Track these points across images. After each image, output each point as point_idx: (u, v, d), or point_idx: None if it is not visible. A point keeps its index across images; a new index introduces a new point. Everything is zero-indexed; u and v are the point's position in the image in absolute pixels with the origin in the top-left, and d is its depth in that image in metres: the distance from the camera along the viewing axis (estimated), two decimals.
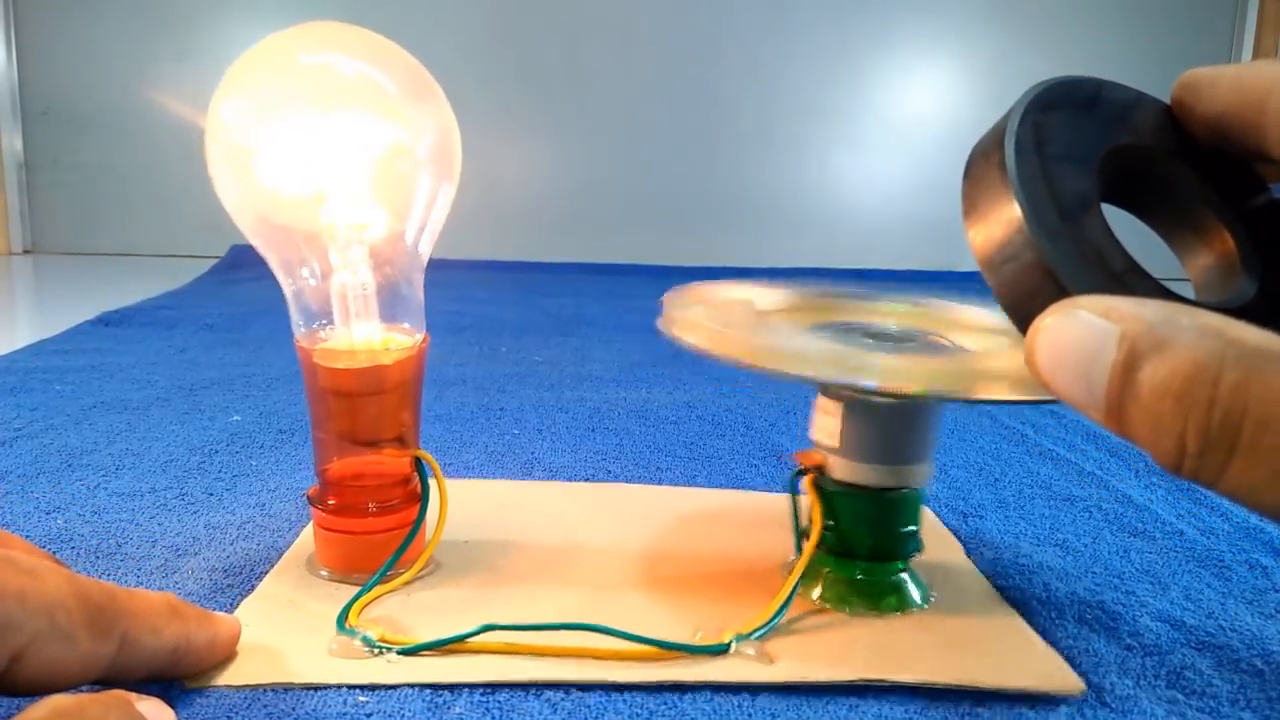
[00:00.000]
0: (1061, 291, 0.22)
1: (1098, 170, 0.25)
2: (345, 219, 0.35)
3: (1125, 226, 0.25)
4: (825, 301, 0.38)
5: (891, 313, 0.38)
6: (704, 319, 0.32)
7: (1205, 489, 0.19)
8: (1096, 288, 0.21)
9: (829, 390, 0.34)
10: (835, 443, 0.33)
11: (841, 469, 0.34)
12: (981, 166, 0.24)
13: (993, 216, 0.23)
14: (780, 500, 0.46)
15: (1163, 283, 0.23)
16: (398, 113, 0.35)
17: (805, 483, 0.34)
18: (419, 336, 0.36)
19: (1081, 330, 0.20)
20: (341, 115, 0.34)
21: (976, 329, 0.37)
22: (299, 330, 0.36)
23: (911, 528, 0.34)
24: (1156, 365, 0.19)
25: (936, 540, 0.41)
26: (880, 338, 0.35)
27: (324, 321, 0.36)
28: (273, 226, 0.35)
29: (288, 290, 0.36)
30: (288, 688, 0.29)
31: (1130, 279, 0.23)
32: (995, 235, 0.23)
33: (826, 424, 0.34)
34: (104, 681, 0.25)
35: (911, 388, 0.28)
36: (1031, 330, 0.21)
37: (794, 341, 0.31)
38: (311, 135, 0.34)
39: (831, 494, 0.34)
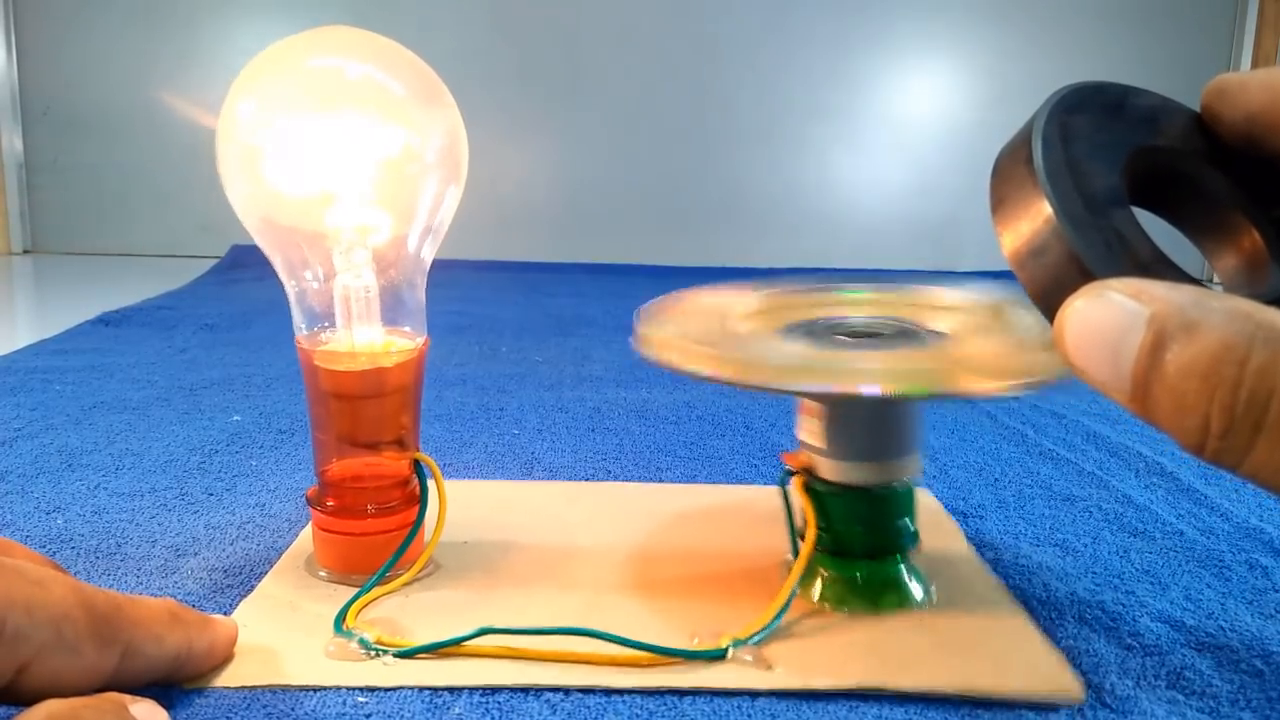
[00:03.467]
0: (1089, 280, 0.22)
1: (1124, 169, 0.25)
2: (350, 222, 0.35)
3: (1150, 227, 0.25)
4: (794, 298, 0.37)
5: (861, 302, 0.37)
6: (676, 336, 0.31)
7: (1228, 471, 0.19)
8: (1124, 276, 0.21)
9: (809, 396, 0.33)
10: (820, 443, 0.33)
11: (829, 469, 0.33)
12: (1008, 164, 0.25)
13: (1020, 211, 0.24)
14: (778, 495, 0.46)
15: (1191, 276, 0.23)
16: (406, 117, 0.35)
17: (795, 484, 0.34)
18: (420, 340, 0.36)
19: (1111, 311, 0.20)
20: (350, 118, 0.34)
21: (947, 309, 0.36)
22: (301, 332, 0.36)
23: (906, 522, 0.34)
24: (1184, 345, 0.19)
25: (938, 529, 0.41)
26: (854, 334, 0.34)
27: (326, 323, 0.36)
28: (278, 227, 0.35)
29: (291, 291, 0.36)
30: (284, 689, 0.29)
31: (1158, 269, 0.23)
32: (1023, 230, 0.23)
33: (810, 424, 0.34)
34: (105, 690, 0.25)
35: (900, 389, 0.28)
36: (1060, 312, 0.21)
37: (768, 351, 0.31)
38: (320, 138, 0.34)
39: (822, 494, 0.34)
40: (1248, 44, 1.60)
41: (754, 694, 0.29)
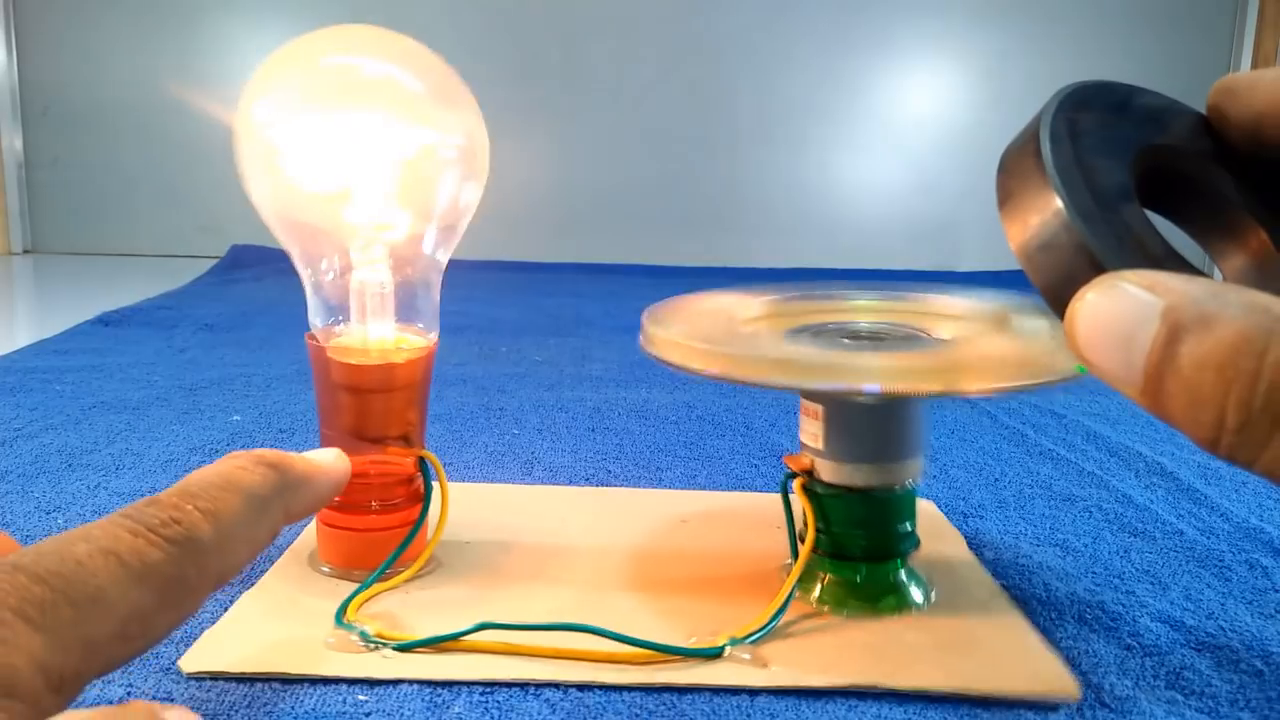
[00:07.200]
0: (1100, 273, 0.21)
1: (1131, 168, 0.25)
2: (368, 219, 0.35)
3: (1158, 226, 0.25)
4: (801, 304, 0.38)
5: (867, 309, 0.37)
6: (682, 336, 0.31)
7: (1242, 467, 0.18)
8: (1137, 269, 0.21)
9: (810, 394, 0.33)
10: (820, 445, 0.33)
11: (829, 471, 0.33)
12: (1016, 159, 0.24)
13: (1029, 205, 0.23)
14: (779, 501, 0.46)
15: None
16: (427, 115, 0.35)
17: (795, 486, 0.34)
18: (431, 337, 0.36)
19: (1124, 303, 0.20)
20: (370, 116, 0.35)
21: (952, 317, 0.36)
22: (314, 324, 0.36)
23: (906, 526, 0.34)
24: (1200, 337, 0.18)
25: (939, 535, 0.41)
26: (858, 337, 0.34)
27: (339, 317, 0.36)
28: (297, 223, 0.36)
29: (307, 282, 0.36)
30: (283, 678, 0.29)
31: (1170, 264, 0.22)
32: (1032, 223, 0.23)
33: (811, 427, 0.34)
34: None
35: (901, 387, 0.28)
36: (1071, 304, 0.21)
37: (773, 349, 0.31)
38: (340, 135, 0.34)
39: (822, 497, 0.34)
40: (1248, 44, 1.60)
41: (753, 692, 0.29)
